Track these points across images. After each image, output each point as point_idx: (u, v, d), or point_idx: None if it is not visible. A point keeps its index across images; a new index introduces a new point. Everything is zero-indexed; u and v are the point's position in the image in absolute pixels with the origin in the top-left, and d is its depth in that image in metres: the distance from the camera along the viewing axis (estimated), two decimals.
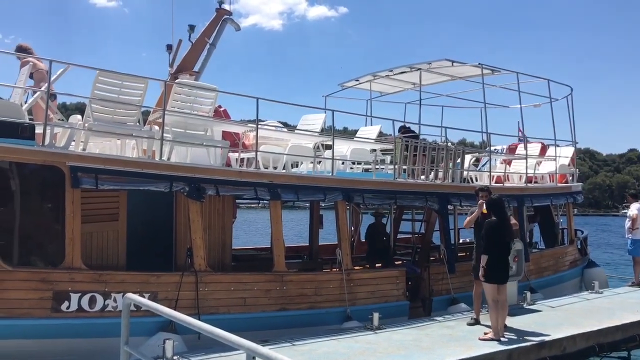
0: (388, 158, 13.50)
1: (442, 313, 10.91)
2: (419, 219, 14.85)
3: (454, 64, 13.42)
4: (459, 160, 13.13)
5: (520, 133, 15.75)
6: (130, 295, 5.77)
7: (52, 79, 8.31)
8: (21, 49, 9.22)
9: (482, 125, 13.79)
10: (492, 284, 8.73)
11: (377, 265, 12.59)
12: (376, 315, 9.30)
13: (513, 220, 9.88)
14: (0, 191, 7.77)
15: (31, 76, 8.97)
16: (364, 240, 14.45)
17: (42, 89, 8.40)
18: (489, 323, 8.93)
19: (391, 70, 14.74)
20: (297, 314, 9.55)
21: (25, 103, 8.91)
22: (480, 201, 9.47)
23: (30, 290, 7.61)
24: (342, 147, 12.56)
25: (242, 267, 10.93)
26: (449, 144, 13.11)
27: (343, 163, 12.34)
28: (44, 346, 7.65)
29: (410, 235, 15.26)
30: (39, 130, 8.01)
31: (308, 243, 13.85)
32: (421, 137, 12.96)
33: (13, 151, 7.64)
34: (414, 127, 13.55)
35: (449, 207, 12.53)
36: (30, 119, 8.44)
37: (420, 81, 13.77)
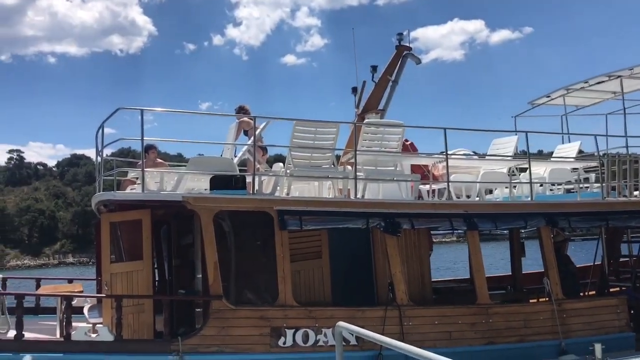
0: (592, 176, 12.44)
1: None
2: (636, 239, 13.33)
3: None
4: None
5: None
6: (342, 323, 6.01)
7: (257, 132, 9.18)
8: (241, 110, 10.27)
9: None
10: None
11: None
12: (598, 347, 8.47)
13: None
14: (219, 237, 8.66)
15: (246, 133, 9.99)
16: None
17: (249, 142, 9.33)
18: None
19: (586, 82, 13.68)
20: (505, 347, 9.12)
21: (235, 157, 9.98)
22: None
23: (251, 327, 8.32)
24: (539, 169, 11.89)
25: (443, 300, 10.76)
26: None
27: (541, 185, 11.66)
28: None
29: (627, 259, 13.73)
30: (249, 180, 8.88)
31: (510, 272, 13.20)
32: (630, 150, 11.75)
33: (230, 201, 8.56)
34: (621, 140, 12.33)
35: None
36: (241, 171, 9.41)
37: (622, 89, 12.57)
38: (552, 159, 12.95)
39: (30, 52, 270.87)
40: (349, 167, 10.16)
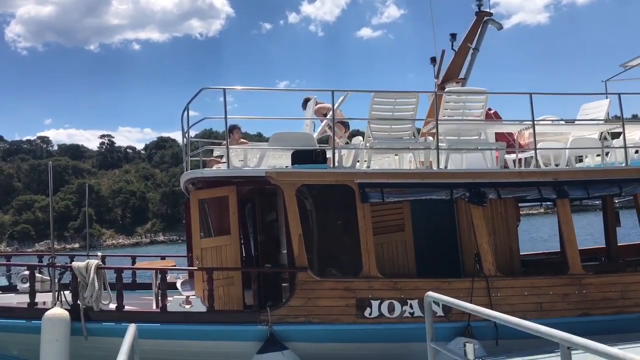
0: None
1: None
2: None
3: None
4: None
5: None
6: (431, 293, 5.99)
7: (336, 105, 9.18)
8: (307, 101, 10.78)
9: None
10: None
11: None
12: None
13: None
14: (301, 213, 8.78)
15: (325, 116, 10.14)
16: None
17: (328, 117, 9.38)
18: None
19: None
20: (601, 319, 8.74)
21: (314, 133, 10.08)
22: None
23: (337, 298, 8.43)
24: (634, 134, 11.17)
25: (532, 272, 10.43)
26: None
27: (637, 152, 10.96)
28: (349, 349, 8.41)
29: None
30: (329, 154, 8.94)
31: (605, 244, 12.59)
32: None
33: (311, 174, 8.66)
34: None
35: None
36: (321, 146, 9.48)
37: None
38: None
39: (116, 40, 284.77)
40: (430, 138, 9.98)
